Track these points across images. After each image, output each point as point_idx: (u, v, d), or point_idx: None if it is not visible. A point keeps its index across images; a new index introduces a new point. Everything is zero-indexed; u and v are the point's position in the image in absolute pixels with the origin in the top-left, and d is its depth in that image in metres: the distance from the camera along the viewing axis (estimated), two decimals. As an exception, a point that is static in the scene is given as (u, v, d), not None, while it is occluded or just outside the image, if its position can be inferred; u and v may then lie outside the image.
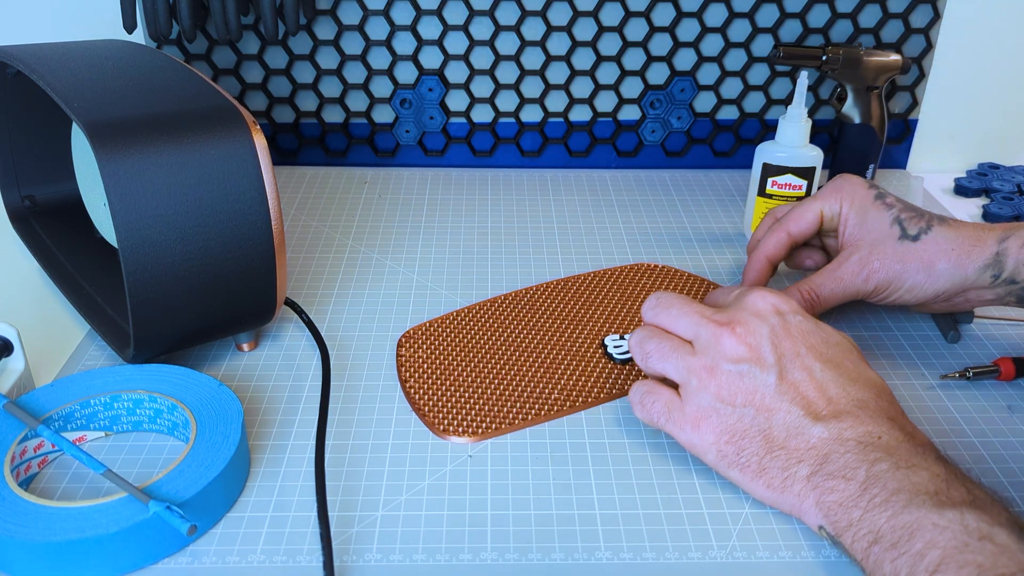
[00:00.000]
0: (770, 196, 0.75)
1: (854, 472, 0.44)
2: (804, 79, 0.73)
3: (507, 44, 0.90)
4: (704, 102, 0.93)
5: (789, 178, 0.74)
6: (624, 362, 0.60)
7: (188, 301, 0.53)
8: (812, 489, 0.45)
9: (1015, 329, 0.65)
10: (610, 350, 0.61)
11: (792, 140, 0.73)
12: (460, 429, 0.54)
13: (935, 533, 0.39)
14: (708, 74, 0.91)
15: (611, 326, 0.65)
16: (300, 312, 0.64)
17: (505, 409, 0.56)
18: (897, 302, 0.61)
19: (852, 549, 0.42)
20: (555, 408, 0.56)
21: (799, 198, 0.75)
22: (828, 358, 0.49)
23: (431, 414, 0.55)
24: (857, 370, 0.49)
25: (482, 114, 0.93)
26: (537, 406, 0.56)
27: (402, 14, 0.88)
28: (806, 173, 0.74)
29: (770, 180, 0.74)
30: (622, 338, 0.62)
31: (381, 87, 0.91)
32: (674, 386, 0.51)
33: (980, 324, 0.66)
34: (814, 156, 0.73)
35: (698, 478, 0.51)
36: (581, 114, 0.93)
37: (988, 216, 0.84)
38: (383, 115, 0.93)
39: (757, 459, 0.47)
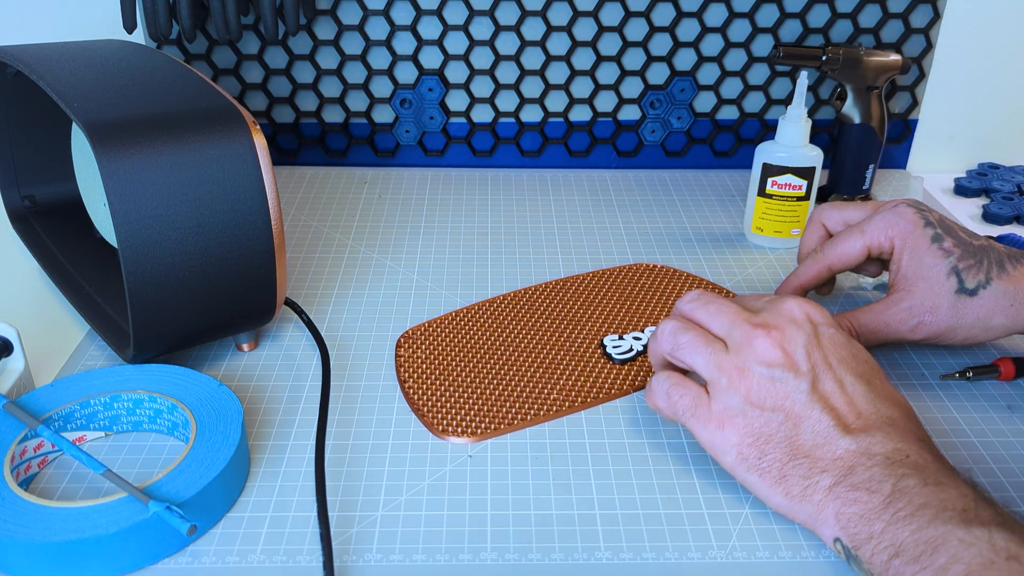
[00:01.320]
0: (770, 196, 0.75)
1: (880, 485, 0.43)
2: (804, 79, 0.73)
3: (507, 44, 0.90)
4: (704, 102, 0.93)
5: (789, 178, 0.74)
6: (623, 362, 0.60)
7: (188, 301, 0.53)
8: (833, 499, 0.44)
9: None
10: (609, 350, 0.61)
11: (792, 140, 0.73)
12: (459, 429, 0.54)
13: (960, 548, 0.38)
14: (708, 74, 0.91)
15: (610, 326, 0.65)
16: (300, 312, 0.64)
17: (504, 409, 0.56)
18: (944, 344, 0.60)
19: (871, 563, 0.41)
20: (555, 408, 0.56)
21: (799, 198, 0.75)
22: (859, 373, 0.48)
23: (430, 414, 0.55)
24: (886, 389, 0.48)
25: (482, 114, 0.93)
26: (537, 406, 0.56)
27: (402, 14, 0.88)
28: (806, 173, 0.74)
29: (770, 180, 0.74)
30: (621, 338, 0.62)
31: (381, 87, 0.91)
32: (697, 383, 0.51)
33: (980, 324, 0.66)
34: (814, 156, 0.73)
35: (698, 478, 0.51)
36: (581, 114, 0.93)
37: (988, 216, 0.84)
38: (383, 115, 0.93)
39: (779, 465, 0.46)
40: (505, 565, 0.45)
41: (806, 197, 0.75)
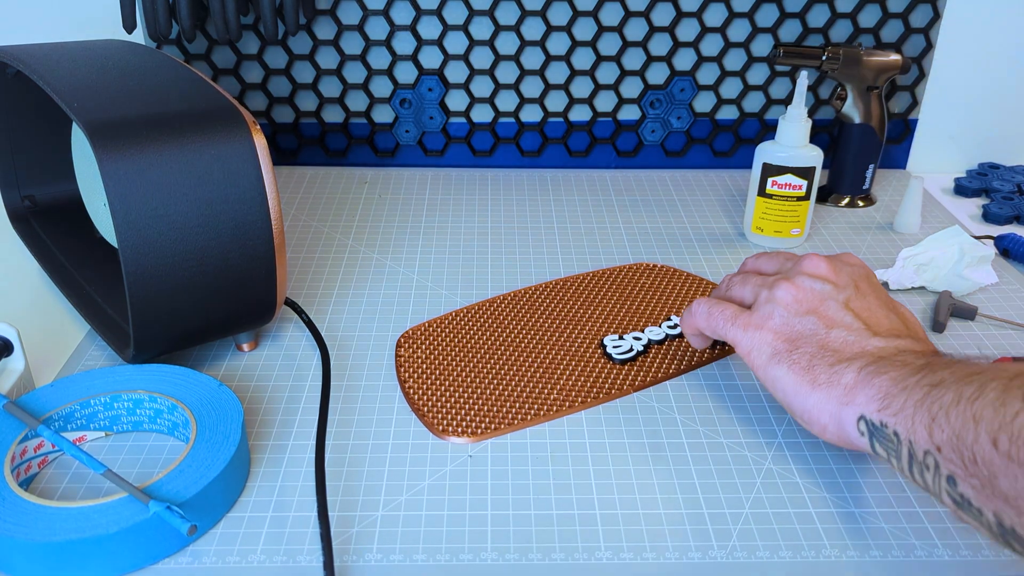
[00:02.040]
0: (770, 196, 0.75)
1: (912, 360, 0.44)
2: (804, 79, 0.73)
3: (507, 44, 0.90)
4: (704, 102, 0.93)
5: (789, 178, 0.74)
6: (623, 362, 0.60)
7: (188, 301, 0.53)
8: (864, 377, 0.45)
9: (1015, 329, 0.65)
10: (609, 350, 0.61)
11: (792, 140, 0.74)
12: (459, 429, 0.54)
13: (1002, 370, 0.38)
14: (708, 74, 0.91)
15: (610, 326, 0.65)
16: (300, 312, 0.64)
17: (504, 409, 0.56)
18: None
19: (899, 416, 0.41)
20: (555, 408, 0.56)
21: (799, 198, 0.75)
22: (899, 313, 0.51)
23: (430, 414, 0.55)
24: (919, 334, 0.51)
25: (482, 114, 0.93)
26: (537, 406, 0.56)
27: (402, 14, 0.88)
28: (806, 173, 0.74)
29: (770, 180, 0.75)
30: (621, 338, 0.62)
31: (381, 87, 0.91)
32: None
33: (980, 324, 0.66)
34: (814, 156, 0.73)
35: (698, 478, 0.51)
36: (581, 114, 0.93)
37: (988, 216, 0.84)
38: (383, 115, 0.93)
39: (807, 358, 0.48)
40: (505, 565, 0.45)
41: (806, 197, 0.75)
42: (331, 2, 0.87)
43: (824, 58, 0.82)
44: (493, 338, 0.63)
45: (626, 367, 0.60)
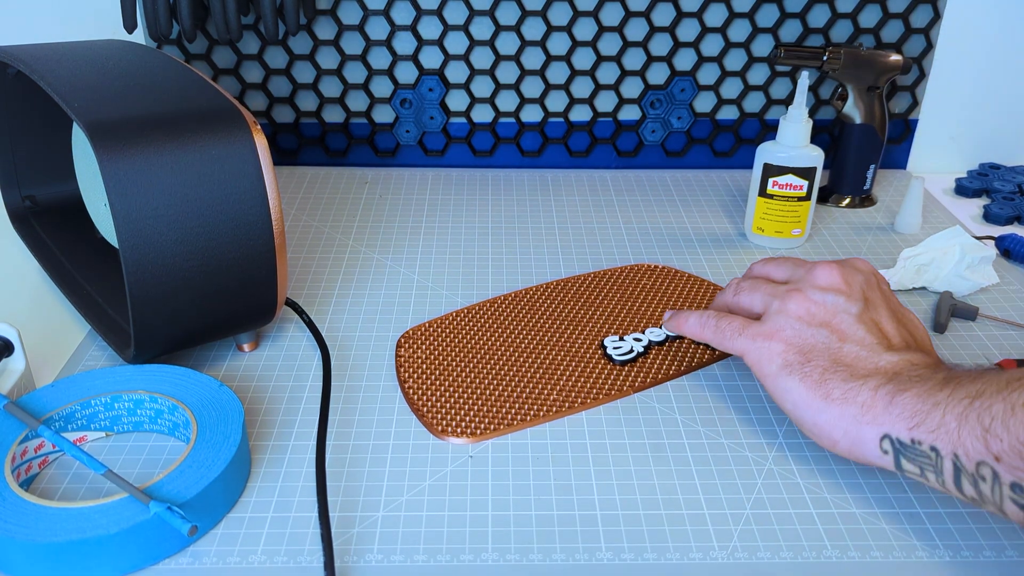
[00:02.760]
0: (771, 196, 0.75)
1: (929, 375, 0.44)
2: (805, 79, 0.73)
3: (507, 44, 0.90)
4: (704, 102, 0.93)
5: (790, 178, 0.74)
6: (624, 363, 0.60)
7: (188, 301, 0.53)
8: (883, 395, 0.45)
9: (1016, 330, 0.65)
10: (609, 351, 0.61)
11: (793, 140, 0.74)
12: (459, 430, 0.54)
13: None
14: (708, 74, 0.91)
15: (611, 327, 0.65)
16: (300, 312, 0.64)
17: (505, 409, 0.56)
18: None
19: (938, 432, 0.41)
20: (555, 408, 0.56)
21: (800, 198, 0.75)
22: (908, 324, 0.51)
23: (430, 415, 0.55)
24: (927, 345, 0.51)
25: (482, 114, 0.93)
26: (537, 406, 0.56)
27: (402, 14, 0.88)
28: (807, 173, 0.74)
29: (771, 180, 0.75)
30: (621, 339, 0.62)
31: (381, 87, 0.91)
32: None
33: (983, 326, 0.66)
34: (815, 156, 0.74)
35: (699, 479, 0.51)
36: (581, 114, 0.93)
37: (988, 216, 0.84)
38: (383, 115, 0.93)
39: (820, 371, 0.48)
40: (506, 565, 0.45)
41: (807, 197, 0.75)
42: (331, 2, 0.87)
43: (825, 58, 0.82)
44: (493, 338, 0.63)
45: (627, 368, 0.60)
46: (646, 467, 0.52)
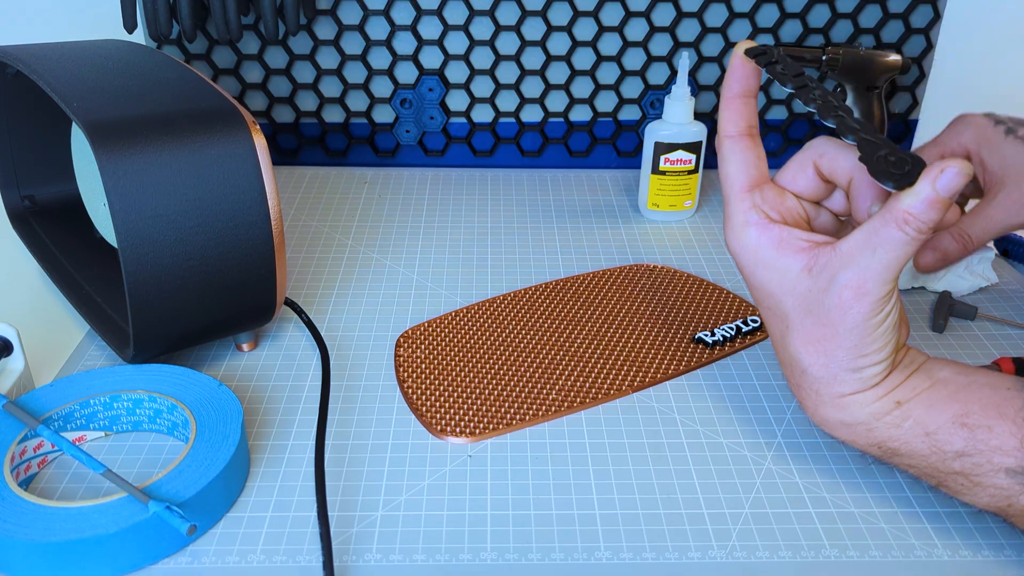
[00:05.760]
0: (663, 173, 0.79)
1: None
2: (685, 60, 0.76)
3: (507, 44, 0.90)
4: (704, 102, 0.93)
5: (680, 154, 0.79)
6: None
7: (188, 301, 0.53)
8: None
9: (1015, 330, 0.65)
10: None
11: (679, 118, 0.78)
12: (459, 429, 0.54)
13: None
14: (708, 74, 0.91)
15: (610, 326, 0.65)
16: (300, 312, 0.64)
17: (504, 409, 0.56)
18: None
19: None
20: (554, 408, 0.56)
21: (690, 172, 0.80)
22: None
23: (428, 414, 0.55)
24: None
25: (482, 114, 0.93)
26: (536, 406, 0.56)
27: (402, 14, 0.88)
28: (694, 148, 0.79)
29: (662, 158, 0.79)
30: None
31: (381, 87, 0.91)
32: None
33: (980, 324, 0.66)
34: (698, 131, 0.79)
35: (698, 478, 0.51)
36: (581, 114, 0.93)
37: (988, 216, 0.84)
38: (383, 115, 0.93)
39: None
40: (505, 565, 0.45)
41: (696, 170, 0.80)
42: (331, 2, 0.87)
43: (825, 58, 0.82)
44: (493, 338, 0.63)
45: (626, 367, 0.60)
46: (645, 467, 0.52)
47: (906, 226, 0.41)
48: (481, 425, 0.54)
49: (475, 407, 0.56)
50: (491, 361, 0.61)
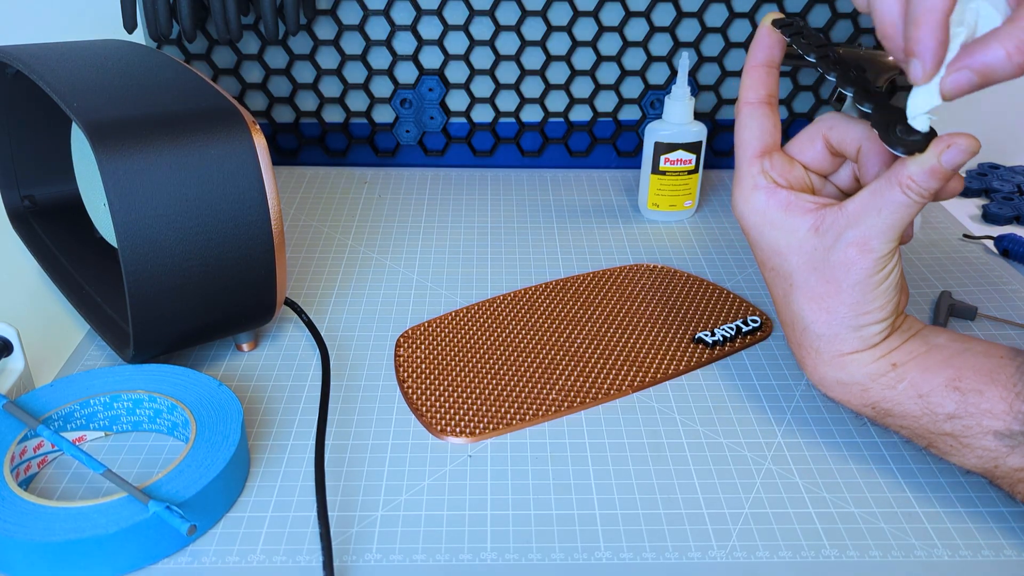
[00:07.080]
0: (663, 173, 0.79)
1: None
2: (685, 60, 0.77)
3: (507, 44, 0.90)
4: (704, 102, 0.93)
5: (680, 154, 0.79)
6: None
7: (188, 301, 0.53)
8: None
9: (1015, 330, 0.65)
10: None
11: (679, 118, 0.78)
12: (459, 429, 0.54)
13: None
14: (708, 74, 0.91)
15: (610, 326, 0.65)
16: (300, 312, 0.64)
17: (504, 409, 0.56)
18: None
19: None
20: (554, 408, 0.56)
21: (690, 172, 0.80)
22: None
23: (429, 414, 0.55)
24: None
25: (482, 114, 0.93)
26: (536, 406, 0.56)
27: (402, 14, 0.88)
28: (694, 148, 0.79)
29: (662, 158, 0.79)
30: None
31: (381, 87, 0.91)
32: None
33: (980, 324, 0.66)
34: (698, 131, 0.78)
35: (698, 478, 0.51)
36: (581, 114, 0.93)
37: (988, 216, 0.84)
38: (383, 115, 0.93)
39: None
40: (505, 565, 0.45)
41: (696, 170, 0.80)
42: (331, 2, 0.87)
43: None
44: (493, 338, 0.63)
45: (626, 367, 0.60)
46: (645, 467, 0.52)
47: (908, 191, 0.44)
48: (481, 425, 0.54)
49: (475, 407, 0.56)
50: (491, 361, 0.61)
